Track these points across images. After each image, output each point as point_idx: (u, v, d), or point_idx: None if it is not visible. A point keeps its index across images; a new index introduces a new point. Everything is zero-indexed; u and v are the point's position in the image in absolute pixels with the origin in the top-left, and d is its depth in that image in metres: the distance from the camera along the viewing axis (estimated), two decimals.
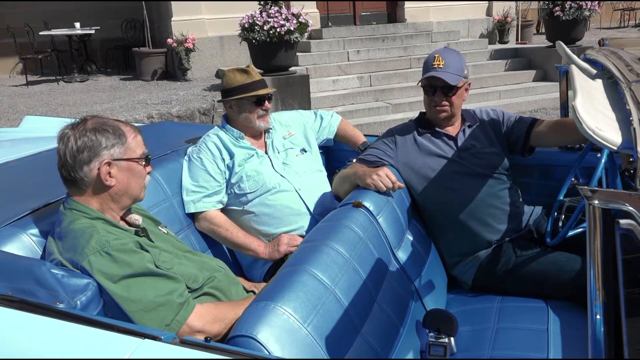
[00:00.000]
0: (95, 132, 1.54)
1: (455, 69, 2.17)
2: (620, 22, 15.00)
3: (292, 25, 6.72)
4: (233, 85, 2.33)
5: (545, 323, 1.83)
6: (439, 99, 2.19)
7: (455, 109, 2.22)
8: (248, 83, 2.31)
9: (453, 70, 2.16)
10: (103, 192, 1.57)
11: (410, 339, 1.73)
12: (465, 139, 2.23)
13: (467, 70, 2.24)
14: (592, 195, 0.95)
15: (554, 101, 7.62)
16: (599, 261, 0.98)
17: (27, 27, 9.02)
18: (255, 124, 2.33)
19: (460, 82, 2.17)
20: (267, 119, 2.36)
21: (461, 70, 2.18)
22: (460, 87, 2.19)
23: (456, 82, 2.15)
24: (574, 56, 1.64)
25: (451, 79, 2.15)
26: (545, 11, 8.34)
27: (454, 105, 2.21)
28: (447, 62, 2.16)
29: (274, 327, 1.28)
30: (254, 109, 2.32)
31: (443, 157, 2.19)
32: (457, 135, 2.23)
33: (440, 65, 2.17)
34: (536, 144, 2.27)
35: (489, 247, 2.14)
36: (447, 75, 2.14)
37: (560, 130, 2.18)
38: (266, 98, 2.33)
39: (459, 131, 2.25)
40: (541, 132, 2.22)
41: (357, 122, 6.76)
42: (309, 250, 1.60)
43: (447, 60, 2.17)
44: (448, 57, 2.18)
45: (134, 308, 1.40)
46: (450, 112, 2.21)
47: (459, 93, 2.19)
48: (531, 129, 2.24)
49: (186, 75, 8.53)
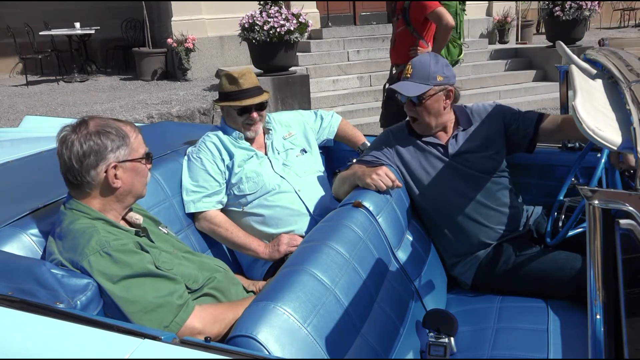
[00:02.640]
0: (99, 135, 1.54)
1: (420, 77, 2.09)
2: (620, 22, 15.01)
3: (292, 25, 6.72)
4: (222, 91, 2.34)
5: (545, 323, 1.83)
6: (407, 108, 2.16)
7: (428, 118, 2.13)
8: (234, 91, 2.29)
9: (418, 80, 2.09)
10: (109, 194, 1.57)
11: (410, 339, 1.73)
12: (459, 144, 2.18)
13: (444, 76, 2.10)
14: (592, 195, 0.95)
15: (554, 101, 7.62)
16: (599, 261, 0.98)
17: (27, 27, 9.02)
18: (242, 132, 2.33)
19: (427, 90, 2.08)
20: (255, 128, 2.33)
21: (430, 78, 2.08)
22: (428, 95, 2.09)
23: (417, 92, 2.07)
24: (574, 56, 1.64)
25: (410, 89, 2.08)
26: (545, 11, 8.35)
27: (424, 115, 2.12)
28: (414, 71, 2.11)
29: (274, 327, 1.28)
30: (239, 118, 2.31)
31: (436, 165, 2.17)
32: (448, 142, 2.18)
33: (407, 75, 2.13)
34: (542, 141, 2.25)
35: (488, 247, 2.14)
36: (406, 86, 2.09)
37: (567, 126, 2.16)
38: (253, 108, 2.29)
39: (449, 138, 2.19)
40: (548, 128, 2.21)
41: (357, 122, 6.76)
42: (309, 250, 1.60)
43: (415, 68, 2.11)
44: (417, 65, 2.12)
45: (133, 309, 1.40)
46: (424, 123, 2.14)
47: (427, 102, 2.10)
48: (538, 126, 2.21)
49: (186, 75, 8.53)
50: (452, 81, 2.15)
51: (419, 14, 4.02)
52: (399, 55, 4.20)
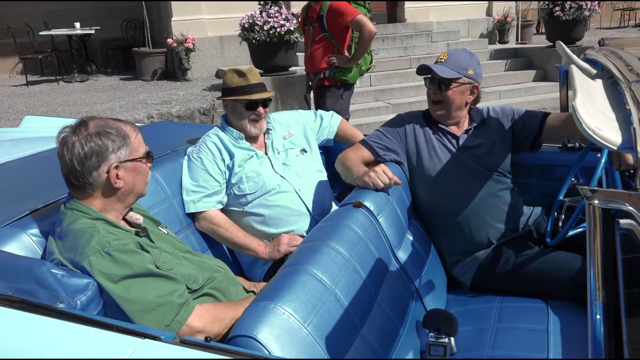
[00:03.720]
0: (100, 136, 1.54)
1: (454, 64, 2.15)
2: (620, 22, 15.01)
3: (292, 25, 6.72)
4: (229, 86, 2.33)
5: (545, 323, 1.83)
6: (432, 92, 2.20)
7: (451, 106, 2.18)
8: (243, 86, 2.30)
9: (452, 66, 2.14)
10: (111, 195, 1.57)
11: (410, 339, 1.73)
12: (469, 139, 2.21)
13: (474, 72, 2.17)
14: (592, 195, 0.95)
15: (554, 101, 7.62)
16: (599, 261, 0.98)
17: (27, 27, 9.02)
18: (247, 128, 2.33)
19: (458, 78, 2.13)
20: (260, 125, 2.34)
21: (462, 68, 2.15)
22: (458, 83, 2.15)
23: (449, 75, 2.12)
24: (574, 56, 1.64)
25: (443, 71, 2.12)
26: (545, 11, 8.34)
27: (449, 101, 2.17)
28: (449, 58, 2.16)
29: (274, 327, 1.28)
30: (246, 113, 2.31)
31: (445, 154, 2.18)
32: (461, 136, 2.22)
33: (442, 59, 2.18)
34: (547, 137, 2.26)
35: (488, 247, 2.14)
36: (440, 68, 2.13)
37: (572, 124, 2.16)
38: (260, 103, 2.31)
39: (463, 132, 2.23)
40: (553, 126, 2.22)
41: (357, 122, 6.76)
42: (309, 250, 1.60)
43: (451, 56, 2.17)
44: (454, 53, 2.19)
45: (134, 308, 1.40)
46: (446, 109, 2.18)
47: (454, 89, 2.15)
48: (543, 123, 2.23)
49: (186, 75, 8.53)
50: (479, 80, 2.21)
51: (339, 22, 4.03)
52: (315, 64, 4.19)
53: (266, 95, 2.33)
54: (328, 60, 4.09)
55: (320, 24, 4.09)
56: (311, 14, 4.18)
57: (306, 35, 4.26)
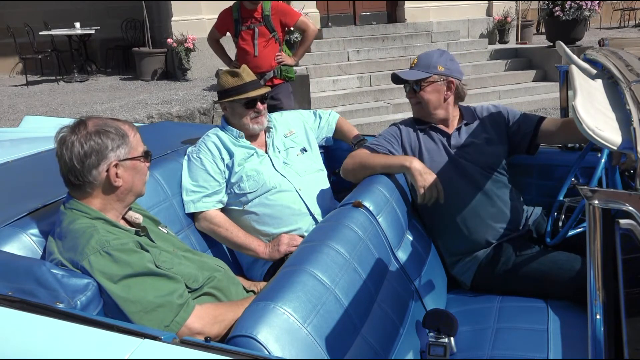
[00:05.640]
0: (99, 135, 1.54)
1: (423, 66, 2.21)
2: (620, 22, 15.01)
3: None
4: (224, 87, 2.34)
5: (545, 323, 1.83)
6: (409, 96, 2.27)
7: (428, 105, 2.21)
8: (238, 85, 2.31)
9: (420, 68, 2.21)
10: (111, 193, 1.57)
11: (410, 339, 1.73)
12: (462, 138, 2.22)
13: (445, 68, 2.20)
14: (592, 195, 0.95)
15: (554, 101, 7.62)
16: (599, 261, 0.98)
17: (27, 27, 9.02)
18: (249, 127, 2.33)
19: (427, 77, 2.18)
20: (261, 121, 2.35)
21: (431, 67, 2.20)
22: (428, 82, 2.19)
23: (417, 77, 2.19)
24: (574, 56, 1.64)
25: (412, 75, 2.21)
26: (545, 11, 8.34)
27: (425, 101, 2.21)
28: (418, 62, 2.25)
29: (274, 327, 1.28)
30: (246, 111, 2.31)
31: (439, 153, 2.19)
32: (452, 133, 2.23)
33: (412, 64, 2.27)
34: (543, 142, 2.27)
35: (487, 246, 2.14)
36: (408, 73, 2.23)
37: (568, 129, 2.18)
38: (258, 100, 2.32)
39: (454, 129, 2.24)
40: (549, 130, 2.23)
41: (357, 122, 6.76)
42: (309, 250, 1.60)
43: (420, 59, 2.25)
44: (423, 56, 2.26)
45: (134, 309, 1.40)
46: (425, 109, 2.23)
47: (426, 88, 2.19)
48: (539, 127, 2.24)
49: (186, 75, 8.53)
50: (454, 74, 2.23)
51: (284, 23, 4.24)
52: (265, 64, 4.29)
53: (263, 91, 2.34)
54: (276, 59, 4.26)
55: (267, 24, 4.21)
56: (249, 15, 4.24)
57: (246, 36, 4.32)
